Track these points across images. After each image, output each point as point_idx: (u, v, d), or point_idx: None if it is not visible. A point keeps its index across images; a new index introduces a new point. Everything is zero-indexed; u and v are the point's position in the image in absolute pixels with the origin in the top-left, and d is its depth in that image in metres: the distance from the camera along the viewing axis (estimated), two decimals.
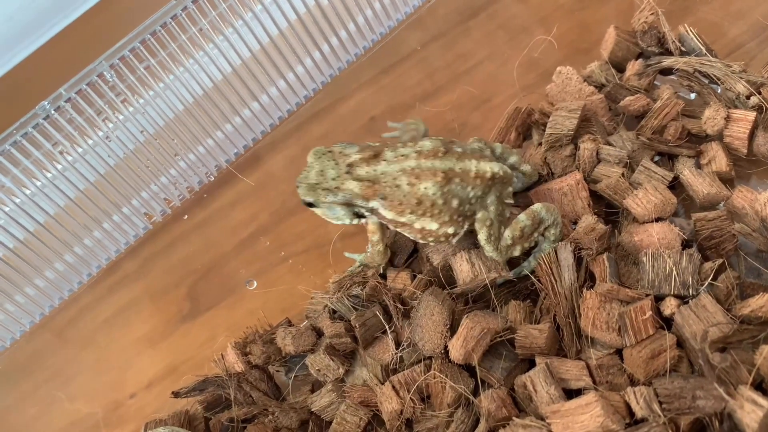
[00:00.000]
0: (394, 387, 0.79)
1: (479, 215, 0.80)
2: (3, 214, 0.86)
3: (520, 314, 0.78)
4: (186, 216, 1.12)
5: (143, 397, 1.06)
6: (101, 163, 0.91)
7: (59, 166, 0.86)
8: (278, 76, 1.08)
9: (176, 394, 0.92)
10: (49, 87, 0.81)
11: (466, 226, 0.82)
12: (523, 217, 0.81)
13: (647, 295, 0.73)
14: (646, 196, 0.80)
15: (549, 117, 0.91)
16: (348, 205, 0.82)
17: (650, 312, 0.71)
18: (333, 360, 0.85)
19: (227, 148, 1.11)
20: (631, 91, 0.91)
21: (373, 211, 0.82)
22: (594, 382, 0.72)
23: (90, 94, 0.82)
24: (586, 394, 0.69)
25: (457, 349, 0.74)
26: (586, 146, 0.86)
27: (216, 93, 0.98)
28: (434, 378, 0.77)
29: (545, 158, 0.89)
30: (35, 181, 0.85)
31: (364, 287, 0.88)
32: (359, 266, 0.92)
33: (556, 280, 0.77)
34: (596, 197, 0.86)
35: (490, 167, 0.80)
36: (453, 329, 0.77)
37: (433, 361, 0.78)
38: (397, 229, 0.84)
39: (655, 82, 0.94)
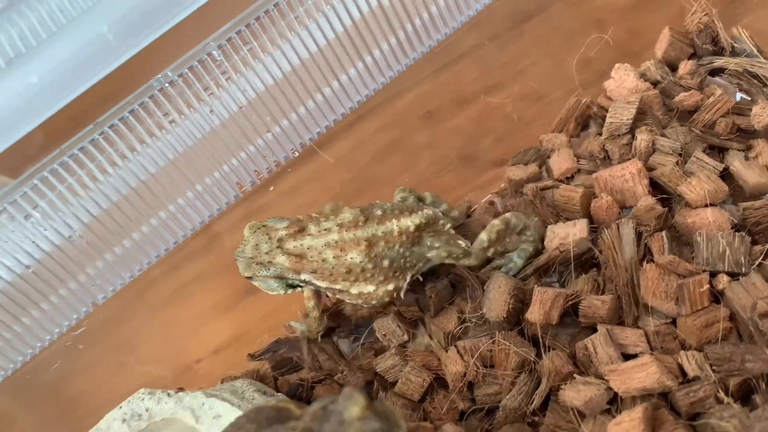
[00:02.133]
0: (458, 351, 0.85)
1: (432, 255, 0.87)
2: (112, 175, 0.93)
3: (587, 285, 0.84)
4: (272, 187, 1.19)
5: (210, 362, 1.13)
6: (202, 131, 0.98)
7: (168, 135, 0.94)
8: (350, 64, 1.16)
9: (252, 356, 0.98)
10: (166, 63, 0.90)
11: (408, 277, 0.87)
12: (497, 222, 0.88)
13: (704, 271, 0.79)
14: (699, 184, 0.86)
15: (607, 110, 0.97)
16: (281, 278, 0.87)
17: (707, 285, 0.77)
18: (399, 326, 0.91)
19: (301, 131, 1.19)
20: (684, 88, 0.97)
21: (306, 282, 0.87)
22: (650, 348, 0.78)
23: (200, 70, 0.91)
24: (642, 356, 0.74)
25: (536, 313, 0.80)
26: (643, 137, 0.93)
27: (295, 77, 1.07)
28: (498, 345, 0.83)
29: (603, 146, 0.95)
30: (144, 145, 0.92)
31: None
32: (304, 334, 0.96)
33: (617, 254, 0.83)
34: (650, 185, 0.92)
35: (411, 221, 0.85)
36: (520, 300, 0.84)
37: (497, 332, 0.84)
38: (337, 296, 0.89)
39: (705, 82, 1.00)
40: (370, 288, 0.86)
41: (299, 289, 0.91)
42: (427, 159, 1.19)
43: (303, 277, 0.86)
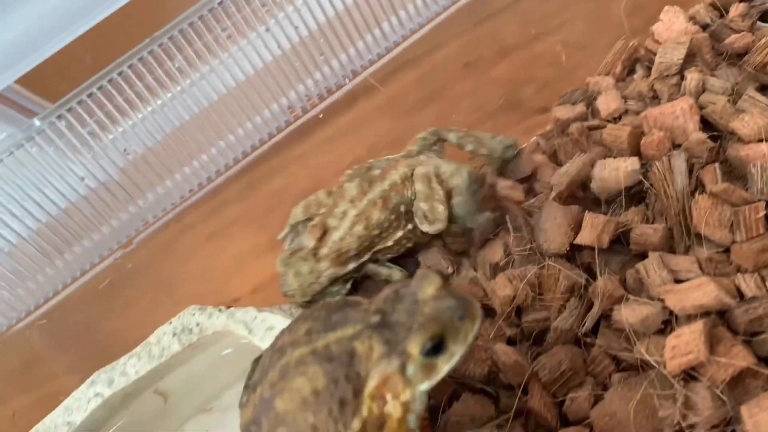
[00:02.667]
0: (507, 278, 0.85)
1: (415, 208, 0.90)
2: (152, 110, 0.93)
3: (636, 217, 0.84)
4: (321, 114, 1.20)
5: (248, 300, 1.13)
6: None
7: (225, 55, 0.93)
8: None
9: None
10: None
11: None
12: (418, 186, 0.90)
13: (759, 200, 0.79)
14: (752, 119, 0.86)
15: (655, 54, 0.98)
16: (337, 279, 0.90)
17: (764, 212, 0.77)
18: (444, 259, 0.92)
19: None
20: (734, 31, 0.97)
21: (355, 267, 0.90)
22: (703, 274, 0.78)
23: None
24: (697, 278, 0.74)
25: (586, 237, 0.80)
26: (693, 76, 0.93)
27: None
28: (548, 270, 0.83)
29: (652, 86, 0.95)
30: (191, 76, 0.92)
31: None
32: None
33: (668, 185, 0.83)
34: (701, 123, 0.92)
35: (407, 166, 0.91)
36: (575, 231, 0.84)
37: (547, 258, 0.84)
38: (381, 257, 0.92)
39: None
40: (399, 233, 0.91)
41: (356, 275, 0.93)
42: (467, 108, 1.20)
43: (350, 266, 0.90)
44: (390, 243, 0.90)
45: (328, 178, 1.24)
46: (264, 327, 0.78)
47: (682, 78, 0.95)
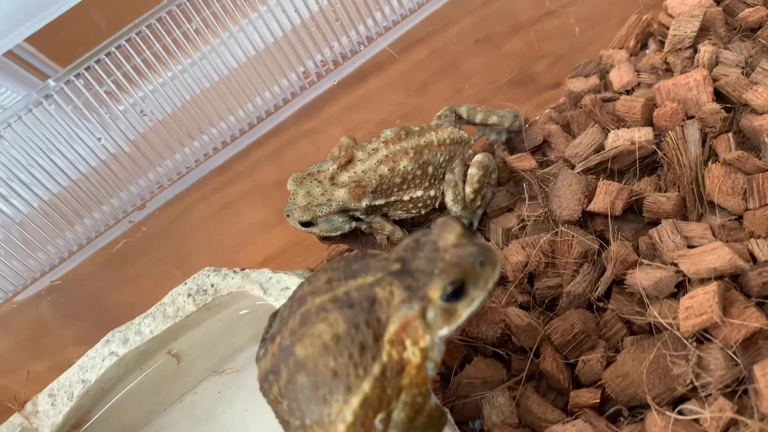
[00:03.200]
0: (520, 244, 0.86)
1: (447, 177, 0.91)
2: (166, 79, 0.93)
3: (649, 186, 0.84)
4: (334, 80, 1.20)
5: None
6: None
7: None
8: None
9: (323, 238, 0.99)
10: None
11: (442, 188, 0.92)
12: (473, 170, 0.90)
13: None
14: (766, 90, 0.86)
15: (668, 28, 0.98)
16: (343, 211, 0.89)
17: None
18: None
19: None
20: (748, 5, 0.97)
21: (367, 209, 0.89)
22: (716, 240, 0.78)
23: None
24: (711, 243, 0.75)
25: (599, 203, 0.81)
26: (707, 48, 0.93)
27: None
28: (561, 237, 0.84)
29: (665, 59, 0.96)
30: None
31: None
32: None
33: (682, 154, 0.83)
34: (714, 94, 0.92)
35: (447, 133, 0.91)
36: (588, 199, 0.85)
37: (560, 225, 0.85)
38: (391, 212, 0.92)
39: None
40: (419, 192, 0.90)
41: (359, 224, 0.93)
42: (479, 83, 1.20)
43: (364, 203, 0.89)
44: (406, 198, 0.90)
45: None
46: (279, 287, 0.78)
47: (695, 51, 0.95)
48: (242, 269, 0.84)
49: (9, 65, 0.82)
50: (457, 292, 0.54)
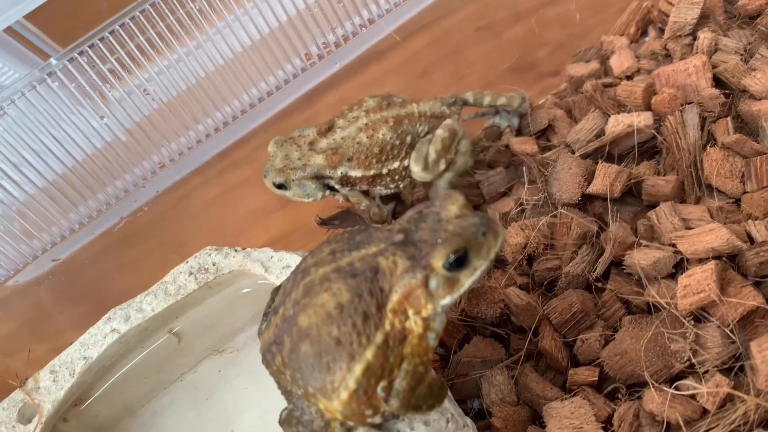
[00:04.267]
0: (519, 227, 0.86)
1: (418, 143, 0.90)
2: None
3: (648, 170, 0.85)
4: (337, 64, 1.20)
5: None
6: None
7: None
8: None
9: (322, 221, 1.00)
10: None
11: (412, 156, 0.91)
12: (439, 131, 0.90)
13: None
14: (764, 77, 0.87)
15: (668, 15, 0.99)
16: (317, 178, 0.89)
17: None
18: None
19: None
20: None
21: (342, 179, 0.90)
22: (714, 222, 0.79)
23: None
24: (709, 224, 0.76)
25: (598, 185, 0.82)
26: (706, 35, 0.94)
27: None
28: (560, 219, 0.84)
29: (665, 45, 0.97)
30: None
31: (488, 152, 0.97)
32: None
33: (680, 138, 0.84)
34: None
35: (428, 106, 0.92)
36: (588, 182, 0.85)
37: (559, 207, 0.86)
38: (367, 187, 0.91)
39: None
40: (396, 164, 0.90)
41: (334, 194, 0.93)
42: (480, 70, 1.20)
43: (339, 171, 0.89)
44: (385, 171, 0.89)
45: None
46: (281, 266, 0.79)
47: (695, 38, 0.96)
48: (243, 248, 0.85)
49: (10, 43, 0.83)
50: (459, 261, 0.54)
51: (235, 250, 0.83)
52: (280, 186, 0.90)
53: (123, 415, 0.85)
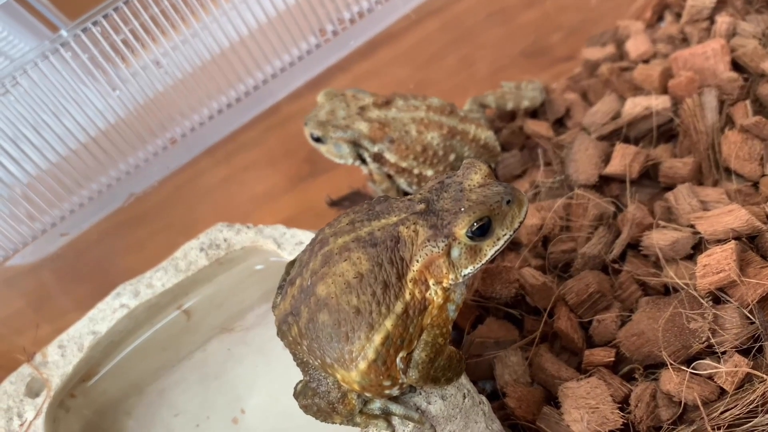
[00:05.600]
0: (535, 208, 0.85)
1: None
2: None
3: (665, 153, 0.84)
4: (352, 41, 1.18)
5: None
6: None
7: None
8: None
9: (332, 201, 0.99)
10: None
11: None
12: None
13: None
14: None
15: (685, 0, 0.98)
16: (354, 144, 0.87)
17: None
18: None
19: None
20: None
21: (376, 156, 0.88)
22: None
23: None
24: (728, 205, 0.75)
25: (616, 166, 0.81)
26: (724, 20, 0.93)
27: None
28: (576, 200, 0.83)
29: (682, 29, 0.96)
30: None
31: (501, 134, 0.96)
32: None
33: (698, 121, 0.83)
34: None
35: (484, 134, 0.90)
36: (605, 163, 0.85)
37: (576, 188, 0.85)
38: (394, 175, 0.90)
39: None
40: (429, 172, 0.88)
41: (362, 165, 0.91)
42: (491, 56, 1.20)
43: (377, 148, 0.87)
44: (416, 172, 0.88)
45: None
46: (293, 242, 0.78)
47: (713, 23, 0.95)
48: (255, 225, 0.84)
49: (21, 13, 0.81)
50: (483, 230, 0.54)
51: (247, 227, 0.82)
52: (317, 139, 0.89)
53: (130, 392, 0.84)
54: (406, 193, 0.96)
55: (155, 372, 0.86)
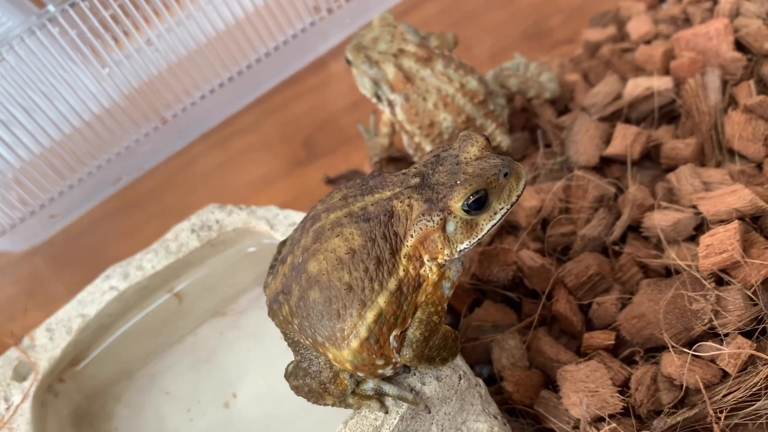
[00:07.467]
0: (534, 190, 0.84)
1: None
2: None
3: (667, 134, 0.83)
4: (348, 20, 1.15)
5: None
6: None
7: None
8: None
9: (329, 179, 0.97)
10: None
11: None
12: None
13: None
14: None
15: None
16: (375, 83, 0.84)
17: None
18: None
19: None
20: None
21: (390, 103, 0.85)
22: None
23: None
24: (731, 185, 0.73)
25: (617, 146, 0.79)
26: (727, 0, 0.91)
27: None
28: (576, 181, 0.82)
29: (685, 9, 0.94)
30: None
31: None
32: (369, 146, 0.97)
33: (701, 101, 0.81)
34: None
35: (500, 138, 0.86)
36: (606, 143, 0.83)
37: (576, 169, 0.83)
38: (398, 129, 0.87)
39: None
40: (429, 147, 0.86)
41: (379, 103, 0.88)
42: (491, 38, 1.18)
43: (393, 96, 0.84)
44: (417, 140, 0.85)
45: (342, 108, 1.22)
46: (287, 223, 0.76)
47: (716, 3, 0.93)
48: (248, 207, 0.82)
49: None
50: (479, 203, 0.52)
51: (240, 208, 0.81)
52: (348, 61, 0.86)
53: (120, 377, 0.83)
54: (401, 159, 0.94)
55: (146, 356, 0.84)
